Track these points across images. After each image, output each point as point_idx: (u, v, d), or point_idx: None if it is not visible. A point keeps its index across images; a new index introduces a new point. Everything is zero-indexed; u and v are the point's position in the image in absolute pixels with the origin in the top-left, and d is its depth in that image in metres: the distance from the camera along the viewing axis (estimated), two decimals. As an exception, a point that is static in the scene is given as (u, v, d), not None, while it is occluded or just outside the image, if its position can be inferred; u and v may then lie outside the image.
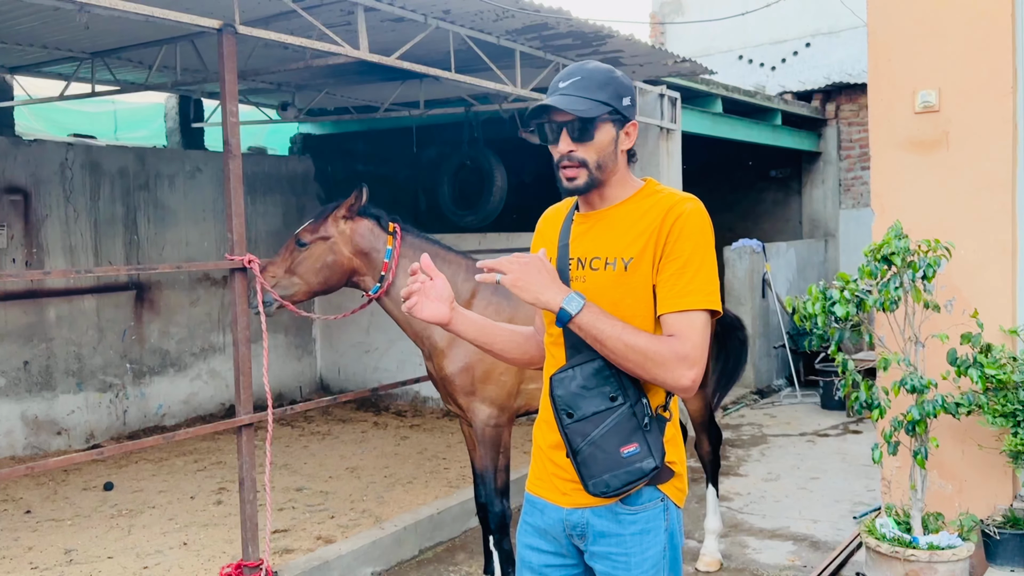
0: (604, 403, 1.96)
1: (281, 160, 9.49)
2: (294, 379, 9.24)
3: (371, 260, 4.08)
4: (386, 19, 5.04)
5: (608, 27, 5.72)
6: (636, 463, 1.95)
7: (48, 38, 5.68)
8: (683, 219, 1.97)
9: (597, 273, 2.03)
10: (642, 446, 1.96)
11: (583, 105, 1.98)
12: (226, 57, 4.03)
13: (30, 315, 7.15)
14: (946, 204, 4.08)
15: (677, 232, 1.96)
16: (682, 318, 1.94)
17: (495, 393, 4.00)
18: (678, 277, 1.94)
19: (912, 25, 4.16)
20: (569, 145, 2.01)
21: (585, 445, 1.96)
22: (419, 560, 4.96)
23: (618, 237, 2.03)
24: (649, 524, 2.02)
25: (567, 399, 1.99)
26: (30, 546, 5.06)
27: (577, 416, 1.97)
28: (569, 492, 2.06)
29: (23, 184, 7.15)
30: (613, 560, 2.03)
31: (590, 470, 1.97)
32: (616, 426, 1.96)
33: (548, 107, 2.01)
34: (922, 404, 3.63)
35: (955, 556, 3.59)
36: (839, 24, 10.89)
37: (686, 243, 1.95)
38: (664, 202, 2.02)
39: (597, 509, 2.04)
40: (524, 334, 2.30)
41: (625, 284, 2.00)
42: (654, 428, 1.99)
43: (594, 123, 2.00)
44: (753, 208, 11.61)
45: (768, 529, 5.26)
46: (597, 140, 2.01)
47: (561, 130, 2.01)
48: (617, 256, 2.01)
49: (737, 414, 8.43)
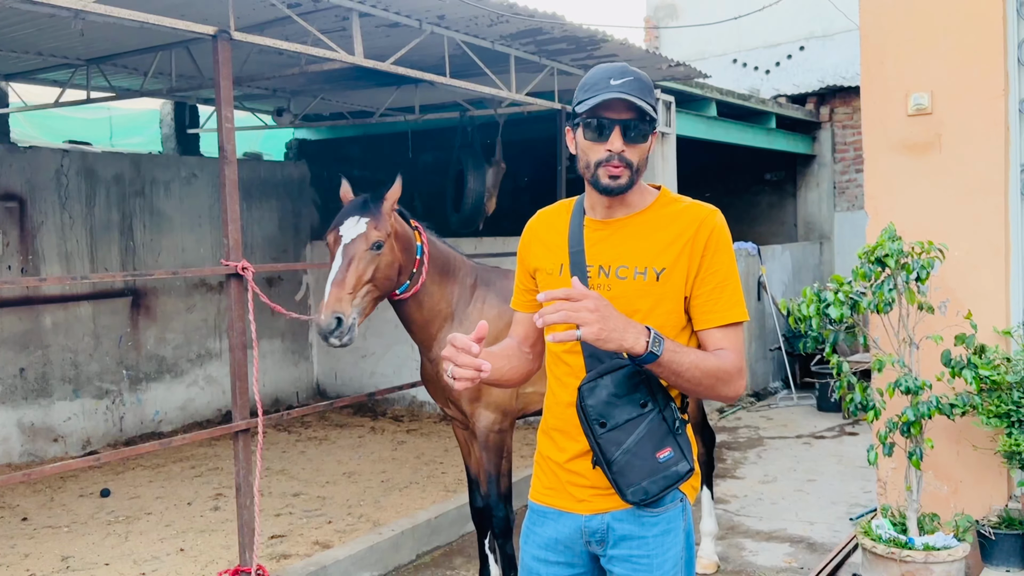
0: (636, 410, 1.96)
1: (277, 166, 9.50)
2: (291, 384, 9.23)
3: (410, 257, 3.78)
4: (381, 25, 5.06)
5: (603, 31, 5.74)
6: (672, 467, 1.96)
7: (43, 45, 5.69)
8: (716, 233, 2.01)
9: (625, 282, 2.01)
10: (675, 450, 1.97)
11: (647, 107, 1.97)
12: (221, 63, 4.04)
13: (26, 322, 7.14)
14: (939, 206, 4.10)
15: (714, 247, 2.00)
16: (729, 332, 1.99)
17: (499, 398, 3.98)
18: (720, 292, 1.99)
19: (904, 28, 4.19)
20: (622, 144, 1.98)
21: (620, 454, 1.95)
22: (416, 565, 4.96)
23: (647, 246, 2.02)
24: (670, 524, 2.03)
25: (599, 408, 1.96)
26: (27, 553, 5.05)
27: (610, 425, 1.95)
28: (588, 499, 2.05)
29: (18, 191, 7.15)
30: (635, 562, 2.03)
31: (627, 478, 1.95)
32: (649, 432, 1.95)
33: (608, 102, 1.95)
34: (917, 405, 3.64)
35: (951, 557, 3.60)
36: (833, 27, 10.93)
37: (723, 258, 2.00)
38: (695, 213, 2.04)
39: (618, 513, 2.03)
40: (518, 355, 2.22)
41: (656, 294, 2.00)
42: (683, 431, 2.01)
43: (653, 126, 2.01)
44: (748, 211, 11.64)
45: (765, 531, 5.27)
46: (647, 143, 2.02)
47: (614, 127, 1.97)
48: (648, 265, 2.01)
49: (733, 416, 8.45)
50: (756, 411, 8.71)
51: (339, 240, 3.64)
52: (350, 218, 3.67)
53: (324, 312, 3.51)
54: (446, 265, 3.95)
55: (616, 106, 1.96)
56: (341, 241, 3.63)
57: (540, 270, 2.18)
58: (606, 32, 5.77)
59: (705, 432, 4.79)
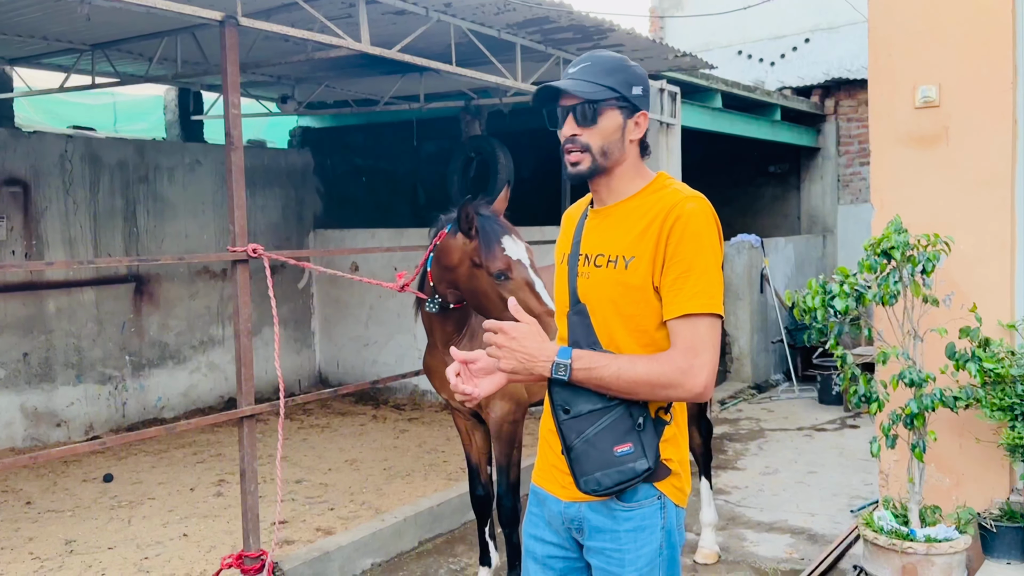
0: (600, 401, 1.96)
1: (280, 153, 9.49)
2: (293, 372, 9.25)
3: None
4: (387, 12, 5.05)
5: (609, 21, 5.73)
6: (629, 463, 1.95)
7: (48, 29, 5.67)
8: (683, 220, 1.93)
9: (600, 270, 2.03)
10: (636, 446, 1.96)
11: (588, 88, 1.98)
12: (228, 49, 4.03)
13: (29, 307, 7.15)
14: (946, 199, 4.09)
15: (679, 235, 1.92)
16: (685, 325, 1.92)
17: (514, 388, 3.99)
18: (683, 282, 1.92)
19: (913, 20, 4.17)
20: (573, 129, 2.00)
21: (579, 442, 1.97)
22: (419, 552, 4.98)
23: (623, 234, 2.02)
24: (644, 521, 2.02)
25: (564, 395, 1.99)
26: (31, 537, 5.07)
27: (573, 412, 1.98)
28: (567, 486, 2.06)
29: (23, 176, 7.14)
30: (608, 556, 2.04)
31: (582, 467, 1.97)
32: (611, 425, 1.96)
33: (557, 92, 2.02)
34: (920, 398, 3.65)
35: (952, 549, 3.61)
36: (838, 20, 10.89)
37: (688, 246, 1.92)
38: (666, 201, 1.98)
39: (593, 504, 2.04)
40: None
41: (624, 283, 1.98)
42: (649, 429, 1.98)
43: (598, 107, 1.99)
44: (752, 204, 11.63)
45: (766, 522, 5.28)
46: (602, 125, 2.00)
47: (567, 114, 2.01)
48: (619, 254, 2.00)
49: (735, 408, 8.46)
50: (757, 403, 8.72)
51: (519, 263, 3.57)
52: (504, 236, 3.62)
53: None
54: None
55: (565, 95, 2.02)
56: (523, 263, 3.58)
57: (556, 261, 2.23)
58: (612, 22, 5.76)
59: (702, 423, 4.78)
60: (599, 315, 2.02)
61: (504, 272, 3.55)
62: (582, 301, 2.05)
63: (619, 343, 2.00)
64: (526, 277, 3.54)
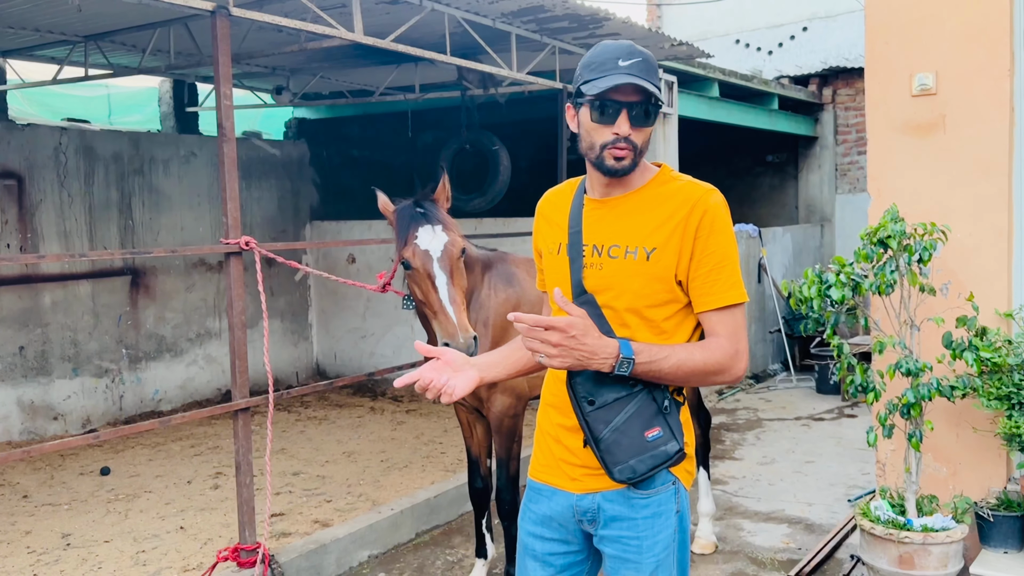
0: (624, 389, 1.95)
1: (276, 145, 9.45)
2: (290, 364, 9.23)
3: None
4: (381, 1, 5.01)
5: (605, 10, 5.69)
6: (660, 447, 1.95)
7: (41, 21, 5.63)
8: (711, 214, 1.95)
9: (616, 261, 2.00)
10: (664, 430, 1.96)
11: (655, 90, 1.94)
12: (220, 39, 4.00)
13: (25, 300, 7.13)
14: (943, 187, 4.07)
15: (708, 228, 1.95)
16: (725, 315, 1.97)
17: (515, 382, 3.98)
18: (717, 275, 1.95)
19: (910, 8, 4.14)
20: (629, 128, 1.94)
21: (608, 432, 1.95)
22: (416, 543, 4.98)
23: (639, 225, 2.00)
24: (661, 507, 2.02)
25: (587, 386, 1.96)
26: (27, 530, 5.06)
27: (599, 403, 1.95)
28: (579, 477, 2.05)
29: (17, 169, 7.11)
30: (624, 543, 2.03)
31: (615, 456, 1.95)
32: (638, 411, 1.95)
33: (618, 85, 1.91)
34: (917, 387, 3.64)
35: (949, 538, 3.61)
36: (836, 8, 10.85)
37: (719, 239, 1.95)
38: (689, 193, 1.98)
39: (608, 494, 2.03)
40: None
41: (646, 274, 1.97)
42: (673, 411, 1.99)
43: (659, 109, 1.98)
44: (749, 193, 11.60)
45: (763, 512, 5.28)
46: (652, 126, 1.99)
47: (622, 110, 1.93)
48: (639, 245, 1.98)
49: (732, 398, 8.46)
50: (755, 393, 8.72)
51: (428, 255, 3.46)
52: (422, 228, 3.49)
53: (463, 335, 3.37)
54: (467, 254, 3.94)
55: (624, 88, 1.92)
56: (431, 256, 3.46)
57: (544, 250, 2.19)
58: (608, 11, 5.72)
59: (701, 414, 4.78)
60: (613, 305, 2.00)
61: (408, 261, 3.48)
62: (589, 291, 2.02)
63: (633, 332, 1.99)
64: (428, 269, 3.44)
